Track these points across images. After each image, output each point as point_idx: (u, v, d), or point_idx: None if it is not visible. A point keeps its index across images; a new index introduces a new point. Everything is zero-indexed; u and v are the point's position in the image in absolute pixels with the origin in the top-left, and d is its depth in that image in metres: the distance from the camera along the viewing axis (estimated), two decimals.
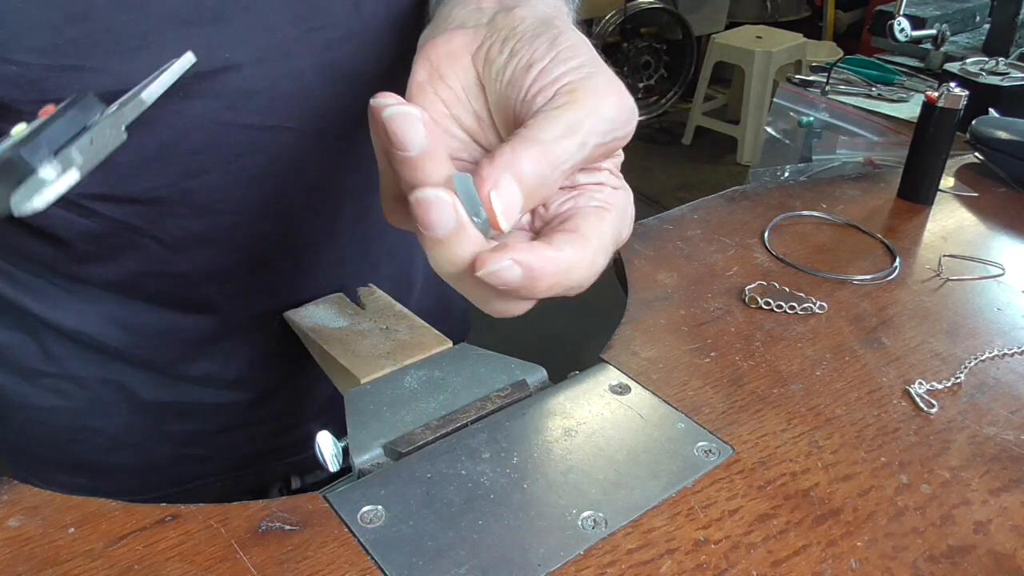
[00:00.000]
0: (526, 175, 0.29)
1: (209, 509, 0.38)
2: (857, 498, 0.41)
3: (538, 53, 0.33)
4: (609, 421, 0.44)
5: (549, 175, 0.30)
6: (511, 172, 0.29)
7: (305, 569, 0.35)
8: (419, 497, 0.39)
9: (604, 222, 0.33)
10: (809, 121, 1.35)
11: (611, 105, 0.31)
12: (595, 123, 0.31)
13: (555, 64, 0.32)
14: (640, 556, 0.37)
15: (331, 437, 0.43)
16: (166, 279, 0.52)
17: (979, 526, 0.40)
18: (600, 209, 0.33)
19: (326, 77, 0.48)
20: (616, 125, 0.32)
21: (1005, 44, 1.40)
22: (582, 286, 0.32)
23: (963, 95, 0.69)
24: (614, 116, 0.31)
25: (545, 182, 0.30)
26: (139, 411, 0.58)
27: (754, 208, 0.71)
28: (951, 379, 0.50)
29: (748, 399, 0.47)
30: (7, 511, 0.37)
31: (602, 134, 0.31)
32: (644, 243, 0.64)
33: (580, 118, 0.30)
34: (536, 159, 0.29)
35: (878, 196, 0.75)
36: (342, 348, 0.50)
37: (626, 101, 0.32)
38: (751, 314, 0.56)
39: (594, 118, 0.31)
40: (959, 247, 0.66)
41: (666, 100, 3.84)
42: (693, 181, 3.25)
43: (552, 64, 0.32)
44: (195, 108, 0.44)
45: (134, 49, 0.41)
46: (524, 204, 0.29)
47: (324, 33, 0.46)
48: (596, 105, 0.31)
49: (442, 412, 0.44)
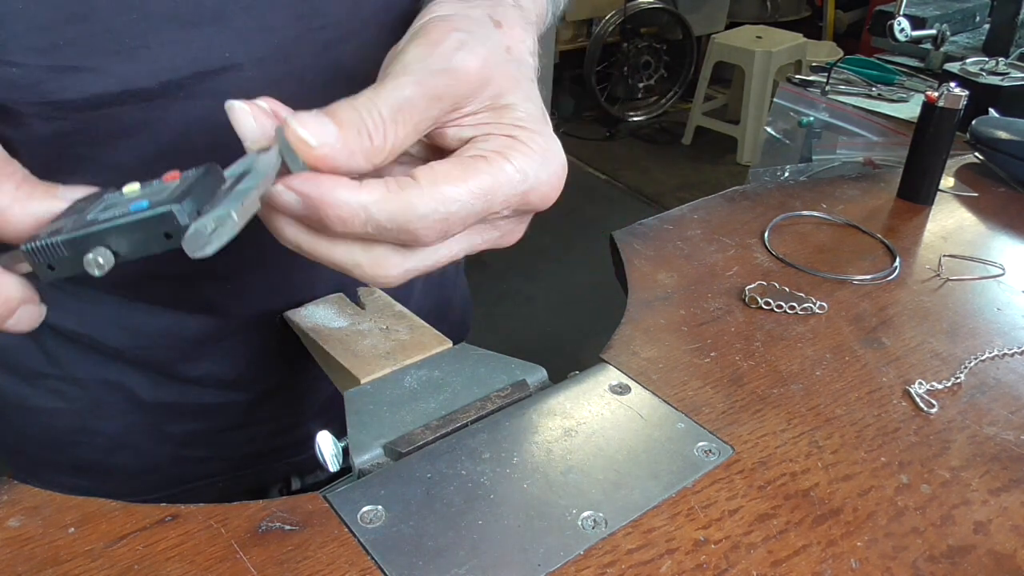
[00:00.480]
0: (339, 113, 0.31)
1: (209, 509, 0.38)
2: (857, 498, 0.41)
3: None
4: (609, 421, 0.44)
5: (361, 115, 0.31)
6: (323, 111, 0.31)
7: (305, 569, 0.35)
8: (419, 497, 0.39)
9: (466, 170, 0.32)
10: (809, 121, 1.35)
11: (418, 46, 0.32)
12: (401, 67, 0.32)
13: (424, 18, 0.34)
14: (640, 556, 0.37)
15: (331, 437, 0.43)
16: (166, 280, 0.52)
17: (979, 526, 0.40)
18: (471, 159, 0.33)
19: (327, 77, 0.48)
20: (427, 63, 0.32)
21: (1005, 44, 1.40)
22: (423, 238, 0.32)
23: (963, 95, 0.69)
24: (422, 55, 0.32)
25: (358, 122, 0.31)
26: (139, 412, 0.58)
27: (754, 208, 0.71)
28: (951, 379, 0.50)
29: (748, 399, 0.47)
30: (7, 511, 0.37)
31: (412, 72, 0.32)
32: (644, 243, 0.64)
33: (391, 68, 0.32)
34: (345, 104, 0.31)
35: (878, 196, 0.75)
36: (342, 348, 0.50)
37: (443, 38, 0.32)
38: (751, 314, 0.56)
39: (400, 64, 0.32)
40: (959, 247, 0.66)
41: (666, 100, 3.85)
42: (693, 181, 3.25)
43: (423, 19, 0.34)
44: (195, 109, 0.44)
45: (134, 49, 0.41)
46: (340, 136, 0.30)
47: (325, 33, 0.46)
48: (405, 52, 0.32)
49: (442, 412, 0.44)
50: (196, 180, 0.31)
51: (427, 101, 0.32)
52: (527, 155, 0.33)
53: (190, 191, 0.30)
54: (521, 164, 0.33)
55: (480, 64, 0.33)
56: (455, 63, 0.32)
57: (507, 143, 0.33)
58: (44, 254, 0.30)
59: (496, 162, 0.33)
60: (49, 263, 0.31)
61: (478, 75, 0.33)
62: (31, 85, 0.40)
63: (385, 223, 0.31)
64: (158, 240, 0.30)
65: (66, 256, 0.30)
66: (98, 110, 0.42)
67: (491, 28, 0.34)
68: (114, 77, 0.41)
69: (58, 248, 0.30)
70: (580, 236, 2.80)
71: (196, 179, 0.31)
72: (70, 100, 0.41)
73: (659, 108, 3.83)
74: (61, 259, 0.30)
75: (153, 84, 0.42)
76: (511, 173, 0.33)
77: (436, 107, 0.33)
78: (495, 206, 0.33)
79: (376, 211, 0.31)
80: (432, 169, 0.32)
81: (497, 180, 0.33)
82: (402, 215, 0.31)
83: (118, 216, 0.30)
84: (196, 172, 0.31)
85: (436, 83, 0.32)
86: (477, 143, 0.34)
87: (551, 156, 0.34)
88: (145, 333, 0.55)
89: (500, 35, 0.34)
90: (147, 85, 0.42)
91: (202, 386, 0.59)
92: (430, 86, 0.32)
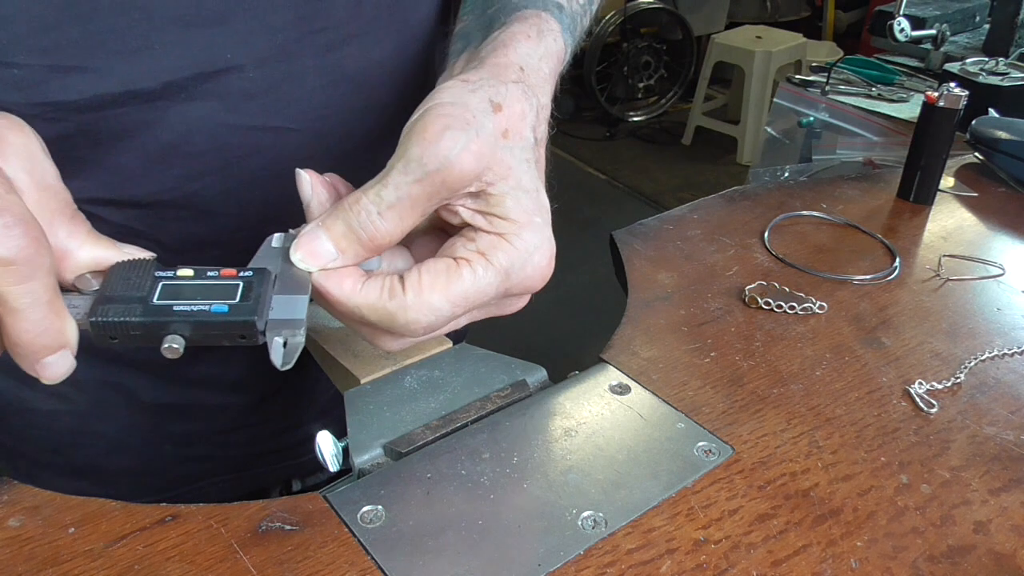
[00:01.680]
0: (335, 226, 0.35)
1: (209, 509, 0.38)
2: (857, 498, 0.41)
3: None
4: (609, 421, 0.44)
5: (356, 222, 0.35)
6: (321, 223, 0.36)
7: (305, 569, 0.35)
8: (419, 497, 0.39)
9: (449, 279, 0.36)
10: (809, 121, 1.35)
11: (416, 143, 0.34)
12: (402, 165, 0.34)
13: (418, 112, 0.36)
14: (640, 556, 0.37)
15: (331, 437, 0.43)
16: None
17: (979, 526, 0.40)
18: (456, 263, 0.36)
19: (328, 79, 0.48)
20: (423, 163, 0.34)
21: (1005, 44, 1.40)
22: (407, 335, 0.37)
23: (963, 95, 0.69)
24: (419, 154, 0.34)
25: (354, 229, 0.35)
26: (139, 413, 0.58)
27: (754, 208, 0.71)
28: (951, 379, 0.50)
29: (748, 399, 0.48)
30: (7, 511, 0.37)
31: (410, 172, 0.34)
32: (644, 243, 0.64)
33: (392, 162, 0.35)
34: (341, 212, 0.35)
35: (878, 196, 0.75)
36: (342, 348, 0.50)
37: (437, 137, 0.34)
38: (751, 314, 0.56)
39: (400, 162, 0.34)
40: (959, 247, 0.66)
41: (666, 100, 3.84)
42: (693, 181, 3.25)
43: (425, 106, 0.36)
44: (197, 110, 0.44)
45: (137, 50, 0.41)
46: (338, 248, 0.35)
47: (326, 35, 0.46)
48: (406, 148, 0.34)
49: (442, 412, 0.44)
50: (259, 287, 0.34)
51: (424, 198, 0.35)
52: (510, 255, 0.36)
53: (259, 301, 0.34)
54: (504, 264, 0.36)
55: (474, 160, 0.35)
56: (450, 161, 0.34)
57: (493, 243, 0.36)
58: (112, 329, 0.33)
59: (479, 266, 0.36)
60: (113, 336, 0.33)
61: (472, 171, 0.35)
62: (33, 85, 0.40)
63: (376, 322, 0.36)
64: (232, 338, 0.34)
65: (138, 335, 0.33)
66: (100, 111, 0.42)
67: (488, 115, 0.36)
68: (116, 77, 0.41)
69: (132, 327, 0.33)
70: (580, 236, 2.80)
71: (259, 286, 0.34)
72: (72, 101, 0.41)
73: (659, 108, 3.83)
74: (131, 337, 0.33)
75: (155, 85, 0.42)
76: (493, 277, 0.36)
77: (432, 201, 0.35)
78: (477, 307, 0.37)
79: (367, 313, 0.36)
80: (420, 279, 0.35)
81: (477, 286, 0.36)
82: (389, 320, 0.36)
83: (198, 313, 0.33)
84: (256, 279, 0.35)
85: (431, 181, 0.34)
86: (465, 239, 0.37)
87: (536, 252, 0.37)
88: None
89: (497, 120, 0.36)
90: (149, 86, 0.42)
91: (202, 387, 0.59)
92: (425, 185, 0.34)
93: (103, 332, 0.33)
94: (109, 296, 0.33)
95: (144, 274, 0.34)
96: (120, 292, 0.33)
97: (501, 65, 0.38)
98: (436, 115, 0.35)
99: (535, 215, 0.37)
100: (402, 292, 0.35)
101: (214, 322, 0.33)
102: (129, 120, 0.43)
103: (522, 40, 0.40)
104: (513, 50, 0.39)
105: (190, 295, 0.34)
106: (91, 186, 0.46)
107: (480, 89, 0.36)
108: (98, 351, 0.55)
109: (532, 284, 0.38)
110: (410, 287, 0.35)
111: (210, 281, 0.34)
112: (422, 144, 0.34)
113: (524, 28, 0.41)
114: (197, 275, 0.35)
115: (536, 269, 0.37)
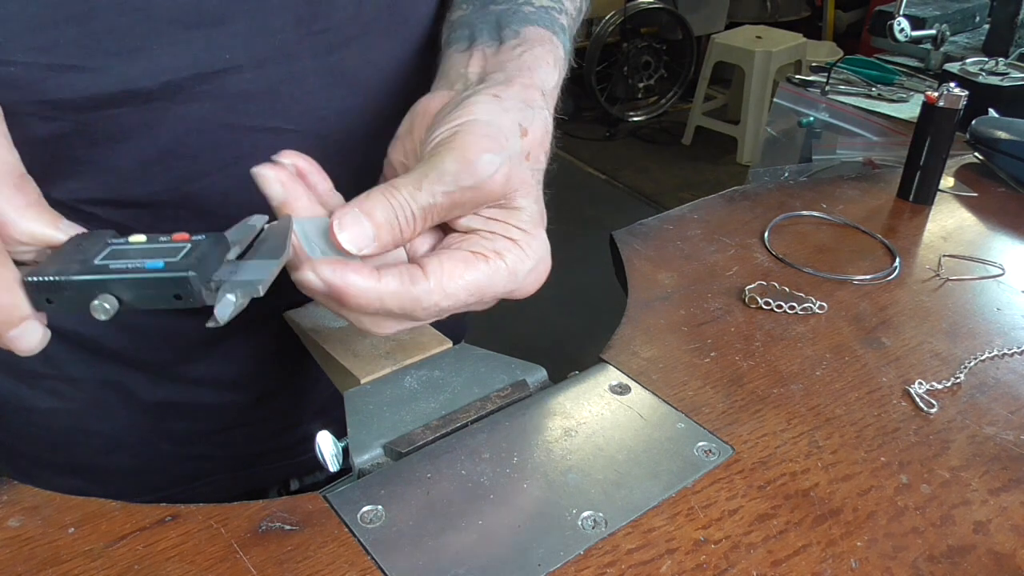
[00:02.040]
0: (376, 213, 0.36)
1: (209, 509, 0.38)
2: (857, 498, 0.41)
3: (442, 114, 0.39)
4: (609, 421, 0.44)
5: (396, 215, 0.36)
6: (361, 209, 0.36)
7: (305, 569, 0.35)
8: (419, 497, 0.39)
9: (468, 268, 0.38)
10: (809, 121, 1.35)
11: (454, 160, 0.37)
12: (437, 175, 0.36)
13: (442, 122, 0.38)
14: (640, 556, 0.37)
15: (331, 437, 0.43)
16: None
17: (979, 526, 0.40)
18: (474, 256, 0.38)
19: (327, 80, 0.48)
20: (459, 178, 0.36)
21: (1005, 44, 1.40)
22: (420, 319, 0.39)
23: (963, 95, 0.69)
24: (456, 170, 0.36)
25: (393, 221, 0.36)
26: (138, 412, 0.58)
27: (754, 208, 0.71)
28: (951, 379, 0.50)
29: (748, 399, 0.48)
30: (7, 511, 0.37)
31: (444, 183, 0.36)
32: (644, 243, 0.64)
33: (427, 169, 0.37)
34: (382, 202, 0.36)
35: (878, 196, 0.75)
36: (342, 348, 0.50)
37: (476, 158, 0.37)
38: (751, 314, 0.56)
39: (435, 171, 0.36)
40: (959, 247, 0.66)
41: (666, 100, 3.84)
42: (693, 181, 3.25)
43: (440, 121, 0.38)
44: (196, 111, 0.44)
45: (135, 50, 0.41)
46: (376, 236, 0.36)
47: (326, 36, 0.46)
48: (441, 159, 0.37)
49: (442, 412, 0.44)
50: (208, 248, 0.33)
51: (453, 207, 0.38)
52: (522, 260, 0.39)
53: (203, 259, 0.32)
54: (515, 266, 0.39)
55: (504, 182, 0.38)
56: (483, 181, 0.37)
57: (507, 246, 0.39)
58: (47, 289, 0.32)
59: (495, 263, 0.39)
60: (49, 298, 0.32)
61: (501, 189, 0.38)
62: (30, 84, 0.40)
63: (394, 309, 0.37)
64: (167, 299, 0.32)
65: (71, 296, 0.32)
66: (97, 111, 0.42)
67: (517, 139, 0.39)
68: (114, 77, 0.41)
69: (64, 287, 0.32)
70: (580, 236, 2.80)
71: (208, 247, 0.33)
72: (69, 100, 0.41)
73: (659, 108, 3.83)
74: (65, 298, 0.32)
75: (153, 85, 0.42)
76: (505, 275, 0.39)
77: (455, 211, 0.38)
78: (484, 299, 0.39)
79: (389, 300, 0.36)
80: (441, 265, 0.37)
81: (492, 280, 0.39)
82: (410, 305, 0.37)
83: (132, 270, 0.31)
84: (207, 240, 0.33)
85: (464, 195, 0.37)
86: (482, 238, 0.39)
87: (540, 260, 0.41)
88: (144, 333, 0.55)
89: (524, 143, 0.39)
90: (146, 86, 0.42)
91: (201, 386, 0.59)
92: (458, 197, 0.37)
93: (37, 292, 0.32)
94: (53, 259, 0.33)
95: (97, 242, 0.34)
96: (65, 256, 0.33)
97: (528, 87, 0.41)
98: (475, 135, 0.37)
99: (542, 228, 0.41)
100: (424, 278, 0.37)
101: (147, 279, 0.31)
102: (127, 120, 0.43)
103: (544, 67, 0.43)
104: (537, 75, 0.42)
105: (133, 256, 0.32)
106: (89, 186, 0.46)
107: (511, 111, 0.39)
108: (97, 350, 0.55)
109: (531, 288, 0.41)
110: (432, 273, 0.37)
111: (159, 244, 0.33)
112: (461, 162, 0.37)
113: (544, 54, 0.44)
114: (149, 240, 0.34)
115: (538, 275, 0.41)
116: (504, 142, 0.38)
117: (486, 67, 0.43)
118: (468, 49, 0.45)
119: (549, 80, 0.43)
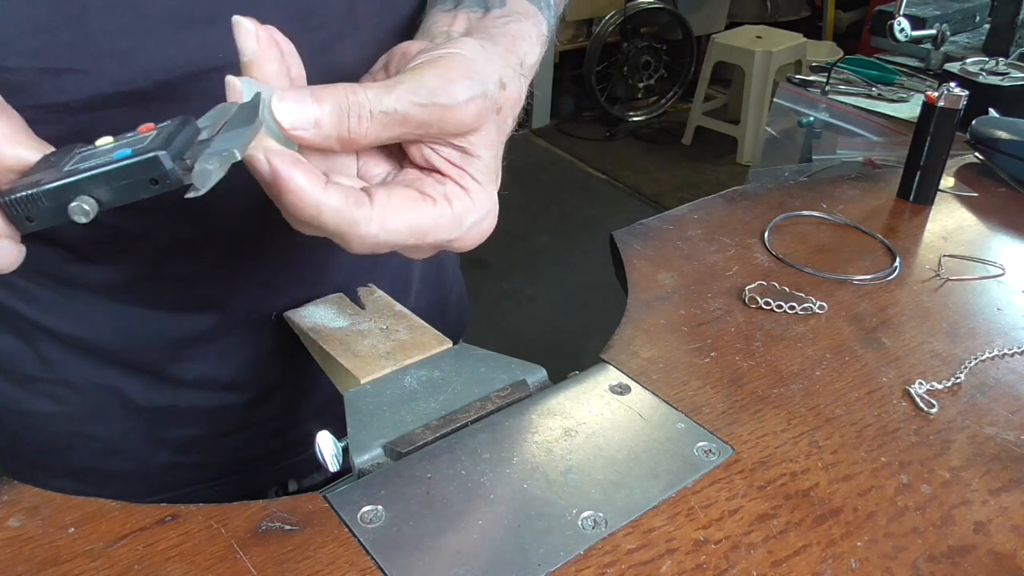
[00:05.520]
0: (326, 101, 0.34)
1: (209, 509, 0.38)
2: (857, 498, 0.41)
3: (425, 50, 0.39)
4: (609, 421, 0.44)
5: (348, 110, 0.35)
6: (312, 91, 0.34)
7: (305, 569, 0.35)
8: (419, 497, 0.39)
9: (414, 207, 0.37)
10: (809, 121, 1.35)
11: (436, 76, 0.36)
12: (413, 85, 0.35)
13: (425, 52, 0.38)
14: (640, 556, 0.37)
15: (331, 437, 0.43)
16: (162, 282, 0.52)
17: (979, 526, 0.40)
18: (422, 196, 0.37)
19: (322, 78, 0.48)
20: (435, 93, 0.35)
21: (1005, 44, 1.40)
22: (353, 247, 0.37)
23: (963, 95, 0.69)
24: (435, 85, 0.35)
25: (342, 114, 0.34)
26: (135, 416, 0.58)
27: (754, 208, 0.71)
28: (951, 379, 0.50)
29: (748, 399, 0.48)
30: (7, 511, 0.37)
31: (419, 95, 0.35)
32: (644, 243, 0.64)
33: (403, 78, 0.36)
34: (338, 94, 0.35)
35: (878, 196, 0.75)
36: (342, 348, 0.50)
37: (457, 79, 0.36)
38: (751, 314, 0.56)
39: (413, 82, 0.35)
40: (959, 247, 0.66)
41: (666, 100, 3.85)
42: (693, 181, 3.25)
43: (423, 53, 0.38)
44: (190, 110, 0.44)
45: (129, 50, 0.41)
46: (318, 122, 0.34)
47: (320, 34, 0.46)
48: (421, 73, 0.36)
49: (442, 412, 0.44)
50: (174, 130, 0.31)
51: (418, 122, 0.36)
52: (468, 210, 0.38)
53: (171, 139, 0.31)
54: (461, 215, 0.38)
55: (475, 114, 0.37)
56: (458, 104, 0.36)
57: (458, 192, 0.38)
58: (23, 206, 0.31)
59: (442, 207, 0.37)
60: (28, 215, 0.31)
61: (470, 122, 0.37)
62: (25, 89, 0.40)
63: (329, 226, 0.35)
64: (143, 186, 0.31)
65: (48, 206, 0.31)
66: (93, 112, 0.42)
67: (497, 88, 0.38)
68: (109, 78, 0.41)
69: (39, 199, 0.31)
70: (580, 236, 2.80)
71: (174, 129, 0.31)
72: (64, 103, 0.41)
73: (659, 108, 3.83)
74: (42, 209, 0.31)
75: (148, 85, 0.42)
76: (449, 221, 0.38)
77: (419, 129, 0.37)
78: (424, 243, 0.38)
79: (326, 215, 0.35)
80: (388, 197, 0.36)
81: (436, 224, 0.37)
82: (346, 228, 0.35)
83: (101, 164, 0.30)
84: (172, 123, 0.32)
85: (432, 112, 0.36)
86: (436, 181, 0.38)
87: (487, 215, 0.40)
88: (141, 335, 0.55)
89: (500, 96, 0.39)
90: (142, 86, 0.42)
91: (197, 389, 0.58)
92: (425, 112, 0.36)
93: (17, 212, 0.31)
94: (25, 178, 0.32)
95: (65, 154, 0.33)
96: (36, 172, 0.32)
97: (510, 52, 0.41)
98: (460, 61, 0.37)
99: (494, 184, 0.40)
100: (369, 205, 0.35)
101: (118, 168, 0.30)
102: (124, 121, 0.43)
103: (526, 40, 0.43)
104: (520, 46, 0.42)
105: (102, 155, 0.31)
106: None
107: (495, 62, 0.39)
108: (92, 352, 0.55)
109: (472, 241, 0.40)
110: (378, 203, 0.36)
111: (126, 139, 0.32)
112: (441, 79, 0.36)
113: (529, 28, 0.43)
114: (117, 139, 0.33)
115: (481, 230, 0.40)
116: (485, 81, 0.37)
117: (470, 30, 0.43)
118: (453, 11, 0.45)
119: (531, 55, 0.43)
